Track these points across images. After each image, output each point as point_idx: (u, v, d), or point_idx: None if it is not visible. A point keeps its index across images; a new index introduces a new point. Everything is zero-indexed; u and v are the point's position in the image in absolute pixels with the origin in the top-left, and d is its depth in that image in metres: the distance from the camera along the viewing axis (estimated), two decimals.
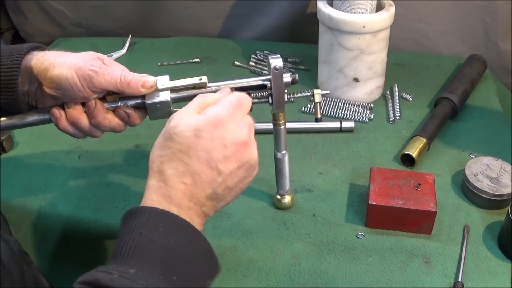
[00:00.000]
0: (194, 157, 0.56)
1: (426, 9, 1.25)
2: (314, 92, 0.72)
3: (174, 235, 0.53)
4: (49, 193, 0.87)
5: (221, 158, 0.57)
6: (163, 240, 0.52)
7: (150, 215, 0.54)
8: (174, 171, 0.56)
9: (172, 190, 0.56)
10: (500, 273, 0.73)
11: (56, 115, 0.67)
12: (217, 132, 0.57)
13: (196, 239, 0.55)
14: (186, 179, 0.56)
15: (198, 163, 0.56)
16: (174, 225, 0.54)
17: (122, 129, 0.70)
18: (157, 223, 0.53)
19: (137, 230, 0.52)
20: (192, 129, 0.57)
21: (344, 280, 0.72)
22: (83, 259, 0.75)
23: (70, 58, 0.65)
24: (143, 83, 0.66)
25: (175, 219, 0.54)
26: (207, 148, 0.57)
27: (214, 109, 0.60)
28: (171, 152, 0.57)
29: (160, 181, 0.56)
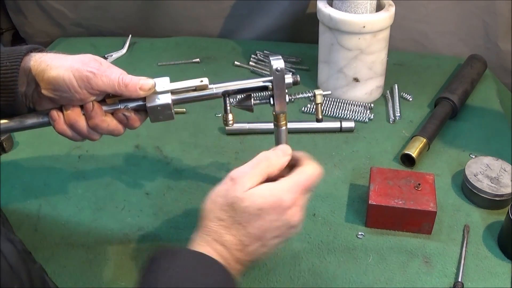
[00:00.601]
0: (250, 232, 0.60)
1: (426, 9, 1.25)
2: (316, 93, 0.71)
3: (210, 276, 0.55)
4: (49, 193, 0.87)
5: (272, 237, 0.61)
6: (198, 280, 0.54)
7: (187, 255, 0.57)
8: (230, 238, 0.59)
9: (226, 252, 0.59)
10: (500, 273, 0.73)
11: (54, 117, 0.67)
12: (275, 216, 0.60)
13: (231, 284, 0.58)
14: (238, 247, 0.60)
15: (252, 238, 0.60)
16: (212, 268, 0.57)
17: (121, 132, 0.70)
18: (196, 267, 0.56)
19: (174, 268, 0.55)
20: (257, 208, 0.59)
21: (344, 280, 0.72)
22: (83, 259, 0.75)
23: (67, 60, 0.64)
24: (141, 85, 0.66)
25: (214, 262, 0.57)
26: (262, 228, 0.60)
27: (281, 189, 0.61)
28: (231, 221, 0.60)
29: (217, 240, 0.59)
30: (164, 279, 0.53)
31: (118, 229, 0.81)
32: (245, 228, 0.59)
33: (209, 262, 0.56)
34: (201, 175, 0.91)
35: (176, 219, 0.82)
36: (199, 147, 0.98)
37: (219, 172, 0.92)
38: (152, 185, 0.89)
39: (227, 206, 0.60)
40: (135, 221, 0.82)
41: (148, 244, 0.78)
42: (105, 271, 0.74)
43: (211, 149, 0.98)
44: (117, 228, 0.81)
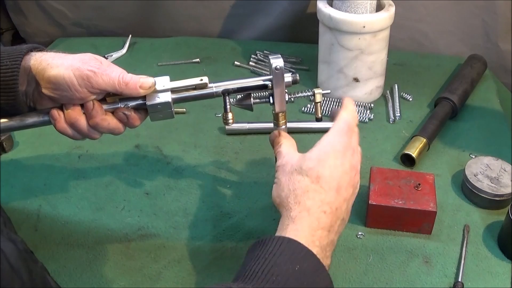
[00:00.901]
0: (326, 186, 0.59)
1: (426, 9, 1.25)
2: (315, 91, 0.71)
3: (299, 263, 0.53)
4: (49, 193, 0.87)
5: (345, 185, 0.61)
6: (287, 266, 0.52)
7: (277, 243, 0.55)
8: (312, 201, 0.58)
9: (314, 220, 0.57)
10: (500, 273, 0.73)
11: (55, 116, 0.67)
12: (338, 161, 0.61)
13: (321, 273, 0.55)
14: (325, 208, 0.58)
15: (330, 191, 0.59)
16: (301, 254, 0.54)
17: (121, 131, 0.70)
18: (284, 250, 0.54)
19: (263, 256, 0.54)
20: (316, 160, 0.60)
21: (344, 280, 0.72)
22: (83, 259, 0.75)
23: (68, 59, 0.65)
24: (141, 84, 0.66)
25: (302, 248, 0.55)
26: (334, 176, 0.60)
27: (328, 138, 0.62)
28: (304, 185, 0.59)
29: (302, 211, 0.58)
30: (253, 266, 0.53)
31: (118, 229, 0.81)
32: (319, 184, 0.59)
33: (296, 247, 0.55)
34: (201, 175, 0.91)
35: (176, 219, 0.82)
36: (199, 147, 0.98)
37: (219, 172, 0.92)
38: (152, 185, 0.89)
39: (291, 176, 0.60)
40: (135, 221, 0.82)
41: (148, 244, 0.78)
42: (105, 271, 0.74)
43: (211, 149, 0.98)
44: (117, 228, 0.81)
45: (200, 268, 0.74)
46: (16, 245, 0.49)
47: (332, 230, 0.58)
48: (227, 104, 0.70)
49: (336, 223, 0.59)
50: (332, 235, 0.59)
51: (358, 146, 0.65)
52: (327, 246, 0.58)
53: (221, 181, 0.90)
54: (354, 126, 0.65)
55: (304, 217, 0.57)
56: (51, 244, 0.78)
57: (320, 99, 0.72)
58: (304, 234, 0.56)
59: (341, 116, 0.65)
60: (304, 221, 0.57)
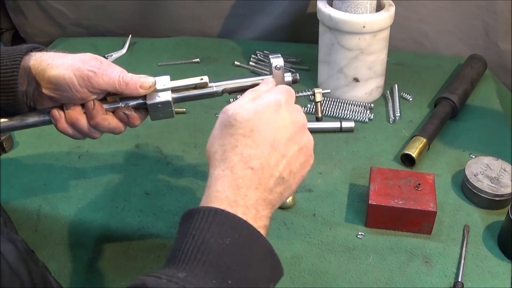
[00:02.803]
0: (258, 139, 0.55)
1: (426, 9, 1.25)
2: (315, 91, 0.72)
3: (229, 235, 0.49)
4: (49, 193, 0.87)
5: (284, 140, 0.57)
6: (218, 241, 0.49)
7: (204, 215, 0.51)
8: (239, 157, 0.54)
9: (239, 177, 0.53)
10: (500, 273, 0.73)
11: (55, 116, 0.67)
12: (276, 114, 0.57)
13: (255, 240, 0.52)
14: (253, 163, 0.54)
15: (263, 145, 0.55)
16: (230, 225, 0.51)
17: (122, 130, 0.70)
18: (212, 223, 0.50)
19: (191, 232, 0.50)
20: (253, 112, 0.57)
21: (344, 280, 0.72)
22: (83, 259, 0.75)
23: (68, 59, 0.65)
24: (142, 83, 0.66)
25: (230, 217, 0.51)
26: (270, 129, 0.56)
27: (268, 94, 0.60)
28: (234, 138, 0.55)
29: (225, 169, 0.54)
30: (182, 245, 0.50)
31: (118, 229, 0.81)
32: (251, 138, 0.55)
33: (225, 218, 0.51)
34: (201, 175, 0.91)
35: (176, 219, 0.82)
36: (199, 147, 0.98)
37: None
38: (152, 185, 0.89)
39: (224, 129, 0.57)
40: (135, 221, 0.82)
41: (148, 244, 0.78)
42: (105, 271, 0.74)
43: None
44: (117, 228, 0.81)
45: None
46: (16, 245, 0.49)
47: (262, 188, 0.54)
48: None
49: (269, 181, 0.55)
50: (265, 193, 0.54)
51: (300, 109, 0.62)
52: (257, 205, 0.53)
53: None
54: (293, 92, 0.63)
55: (227, 175, 0.54)
56: (51, 244, 0.78)
57: (320, 99, 0.72)
58: (226, 194, 0.53)
59: (282, 84, 0.65)
60: (226, 180, 0.53)
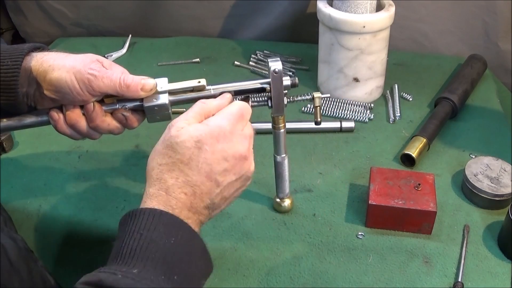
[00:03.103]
0: (195, 169, 0.57)
1: (426, 9, 1.25)
2: (314, 95, 0.71)
3: (174, 236, 0.53)
4: (49, 193, 0.87)
5: (221, 171, 0.58)
6: (164, 240, 0.52)
7: (150, 216, 0.54)
8: (174, 181, 0.56)
9: (172, 199, 0.56)
10: (500, 273, 0.73)
11: (54, 118, 0.67)
12: (218, 145, 0.58)
13: (194, 240, 0.55)
14: (186, 190, 0.56)
15: (198, 175, 0.57)
16: (174, 226, 0.54)
17: (121, 131, 0.70)
18: (157, 224, 0.53)
19: (138, 231, 0.53)
20: (194, 140, 0.57)
21: (344, 280, 0.72)
22: (83, 259, 0.75)
23: (69, 61, 0.64)
24: (143, 86, 0.66)
25: (174, 220, 0.55)
26: (208, 161, 0.57)
27: (216, 120, 0.60)
28: (171, 161, 0.57)
29: (160, 189, 0.56)
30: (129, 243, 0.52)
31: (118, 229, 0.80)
32: (188, 166, 0.57)
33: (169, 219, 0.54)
34: None
35: None
36: None
37: None
38: None
39: (165, 148, 0.58)
40: None
41: None
42: None
43: None
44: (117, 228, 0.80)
45: None
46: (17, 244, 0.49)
47: (193, 210, 0.57)
48: None
49: (200, 205, 0.57)
50: (195, 215, 0.57)
51: (251, 136, 0.63)
52: (190, 223, 0.56)
53: None
54: (247, 115, 0.63)
55: (161, 195, 0.56)
56: (51, 244, 0.78)
57: (320, 103, 0.72)
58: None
59: (235, 102, 0.64)
60: (160, 199, 0.56)
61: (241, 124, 0.62)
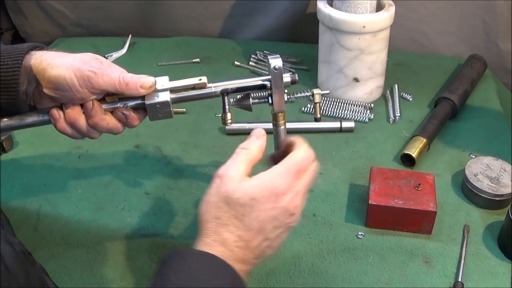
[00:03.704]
0: (248, 225, 0.59)
1: (426, 9, 1.25)
2: (314, 92, 0.71)
3: (221, 279, 0.55)
4: (49, 193, 0.87)
5: (272, 228, 0.60)
6: (210, 283, 0.54)
7: (199, 257, 0.56)
8: (229, 235, 0.58)
9: (227, 251, 0.58)
10: (500, 273, 0.73)
11: (55, 116, 0.67)
12: (271, 205, 0.59)
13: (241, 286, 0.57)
14: (239, 244, 0.58)
15: (250, 231, 0.59)
16: (223, 270, 0.56)
17: (120, 130, 0.70)
18: (205, 266, 0.55)
19: (185, 270, 0.54)
20: (249, 198, 0.58)
21: (344, 280, 0.72)
22: (83, 259, 0.75)
23: (68, 59, 0.65)
24: (142, 83, 0.66)
25: (224, 264, 0.56)
26: (260, 218, 0.59)
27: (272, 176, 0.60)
28: (227, 217, 0.59)
29: (216, 241, 0.58)
30: (173, 280, 0.53)
31: (118, 229, 0.81)
32: (242, 222, 0.58)
33: (217, 263, 0.56)
34: (201, 175, 0.91)
35: (176, 219, 0.82)
36: (199, 147, 0.98)
37: None
38: (152, 185, 0.89)
39: (220, 202, 0.59)
40: (135, 221, 0.82)
41: (148, 244, 0.78)
42: (105, 271, 0.74)
43: (211, 149, 0.98)
44: (117, 228, 0.81)
45: None
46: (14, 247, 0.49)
47: (246, 263, 0.59)
48: (226, 104, 0.70)
49: (251, 257, 0.60)
50: (246, 266, 0.59)
51: (307, 185, 0.62)
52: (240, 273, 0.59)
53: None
54: (306, 167, 0.62)
55: (217, 246, 0.58)
56: (51, 244, 0.78)
57: (319, 100, 0.72)
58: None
59: (294, 153, 0.62)
60: (217, 249, 0.58)
61: (297, 180, 0.61)
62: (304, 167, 0.61)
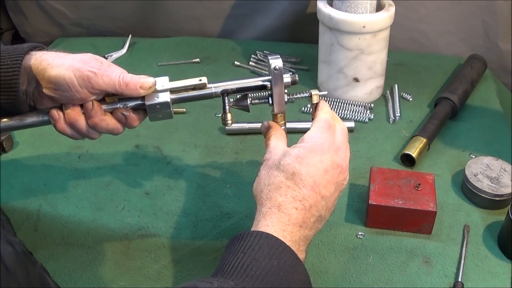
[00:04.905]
0: (300, 183, 0.60)
1: (426, 9, 1.25)
2: (312, 93, 0.71)
3: (277, 258, 0.54)
4: (49, 193, 0.87)
5: (324, 183, 0.61)
6: (266, 261, 0.53)
7: (255, 238, 0.55)
8: (284, 197, 0.59)
9: (285, 216, 0.58)
10: (500, 273, 0.73)
11: (54, 117, 0.67)
12: (317, 157, 0.61)
13: (298, 268, 0.56)
14: (296, 205, 0.59)
15: (304, 189, 0.59)
16: (279, 249, 0.55)
17: (120, 131, 0.70)
18: (262, 245, 0.55)
19: (242, 250, 0.54)
20: (294, 157, 0.61)
21: (344, 280, 0.72)
22: (83, 259, 0.75)
23: (68, 59, 0.65)
24: (142, 84, 0.66)
25: (280, 243, 0.56)
26: (310, 173, 0.60)
27: (310, 136, 0.64)
28: (278, 180, 0.60)
29: (272, 207, 0.59)
30: (232, 261, 0.54)
31: (118, 229, 0.81)
32: (293, 181, 0.59)
33: (274, 242, 0.55)
34: (201, 175, 0.91)
35: (176, 219, 0.82)
36: (199, 147, 0.98)
37: (219, 172, 0.92)
38: (152, 185, 0.89)
39: (270, 170, 0.61)
40: (135, 221, 0.82)
41: (148, 244, 0.78)
42: (105, 271, 0.74)
43: (211, 149, 0.98)
44: (117, 228, 0.81)
45: (200, 268, 0.74)
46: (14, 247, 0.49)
47: (304, 226, 0.59)
48: (226, 105, 0.70)
49: (310, 220, 0.60)
50: (306, 230, 0.59)
51: (345, 143, 0.66)
52: (300, 241, 0.58)
53: (221, 181, 0.90)
54: (334, 124, 0.66)
55: (274, 213, 0.58)
56: (51, 244, 0.78)
57: (317, 100, 0.72)
58: (274, 229, 0.57)
59: (319, 116, 0.67)
60: (274, 216, 0.58)
61: (333, 136, 0.64)
62: (332, 124, 0.65)
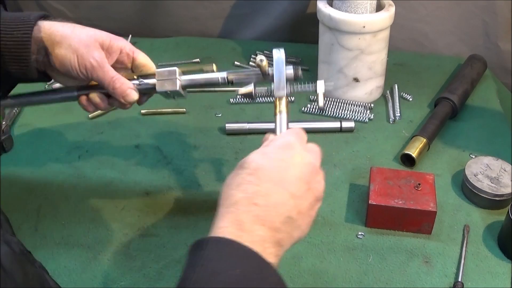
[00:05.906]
0: (264, 177, 0.54)
1: (426, 9, 1.25)
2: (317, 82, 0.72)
3: (239, 266, 0.48)
4: (49, 193, 0.87)
5: (293, 179, 0.55)
6: (227, 272, 0.47)
7: (213, 245, 0.50)
8: (243, 193, 0.53)
9: (242, 214, 0.51)
10: (500, 273, 0.73)
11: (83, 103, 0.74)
12: (285, 153, 0.56)
13: (265, 271, 0.49)
14: (258, 200, 0.52)
15: (268, 183, 0.53)
16: (240, 255, 0.49)
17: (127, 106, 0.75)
18: (222, 253, 0.49)
19: (201, 263, 0.48)
20: (260, 153, 0.57)
21: (344, 280, 0.72)
22: (83, 259, 0.75)
23: (75, 40, 0.68)
24: (126, 95, 0.71)
25: (241, 248, 0.49)
26: (276, 168, 0.54)
27: (278, 137, 0.60)
28: (240, 177, 0.54)
29: (229, 206, 0.53)
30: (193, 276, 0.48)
31: (118, 229, 0.81)
32: (255, 175, 0.53)
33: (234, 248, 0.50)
34: (201, 175, 0.91)
35: (176, 219, 0.82)
36: (199, 147, 0.98)
37: (219, 172, 0.92)
38: (152, 185, 0.89)
39: (234, 171, 0.56)
40: (135, 221, 0.82)
41: (148, 244, 0.78)
42: (105, 271, 0.74)
43: (211, 149, 0.98)
44: (117, 228, 0.81)
45: None
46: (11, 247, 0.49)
47: (269, 225, 0.52)
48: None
49: (276, 219, 0.52)
50: (272, 231, 0.52)
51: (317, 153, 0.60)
52: (264, 242, 0.51)
53: (221, 181, 0.89)
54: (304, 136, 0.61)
55: (231, 212, 0.52)
56: (51, 244, 0.78)
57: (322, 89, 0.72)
58: (230, 230, 0.51)
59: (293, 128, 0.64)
60: (229, 216, 0.52)
61: (304, 140, 0.60)
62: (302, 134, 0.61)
